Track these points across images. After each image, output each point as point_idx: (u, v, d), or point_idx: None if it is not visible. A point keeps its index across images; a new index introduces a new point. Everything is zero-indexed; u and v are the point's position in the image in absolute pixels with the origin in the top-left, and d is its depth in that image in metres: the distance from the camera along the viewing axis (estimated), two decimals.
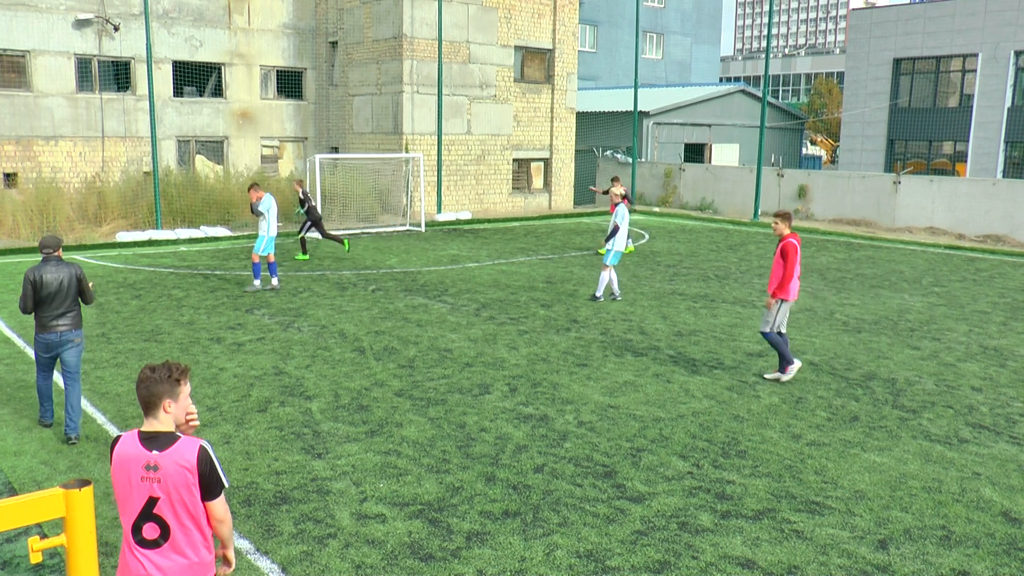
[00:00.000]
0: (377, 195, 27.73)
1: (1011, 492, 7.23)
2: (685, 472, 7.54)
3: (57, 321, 8.10)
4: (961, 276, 18.72)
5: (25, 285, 8.04)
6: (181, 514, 3.80)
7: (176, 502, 3.77)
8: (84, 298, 8.34)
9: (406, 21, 27.26)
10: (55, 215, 22.10)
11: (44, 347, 8.17)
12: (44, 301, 8.03)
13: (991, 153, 35.50)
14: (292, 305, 14.42)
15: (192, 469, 3.76)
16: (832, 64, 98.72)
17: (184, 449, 3.79)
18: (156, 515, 3.77)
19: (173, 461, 3.76)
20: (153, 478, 3.75)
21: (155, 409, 3.83)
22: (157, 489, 3.76)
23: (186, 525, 3.81)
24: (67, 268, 8.15)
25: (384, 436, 8.33)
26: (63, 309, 8.10)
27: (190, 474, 3.76)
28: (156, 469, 3.75)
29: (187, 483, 3.77)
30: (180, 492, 3.77)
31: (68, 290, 8.11)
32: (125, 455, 3.79)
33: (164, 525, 3.78)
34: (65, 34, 25.97)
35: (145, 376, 3.84)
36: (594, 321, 13.47)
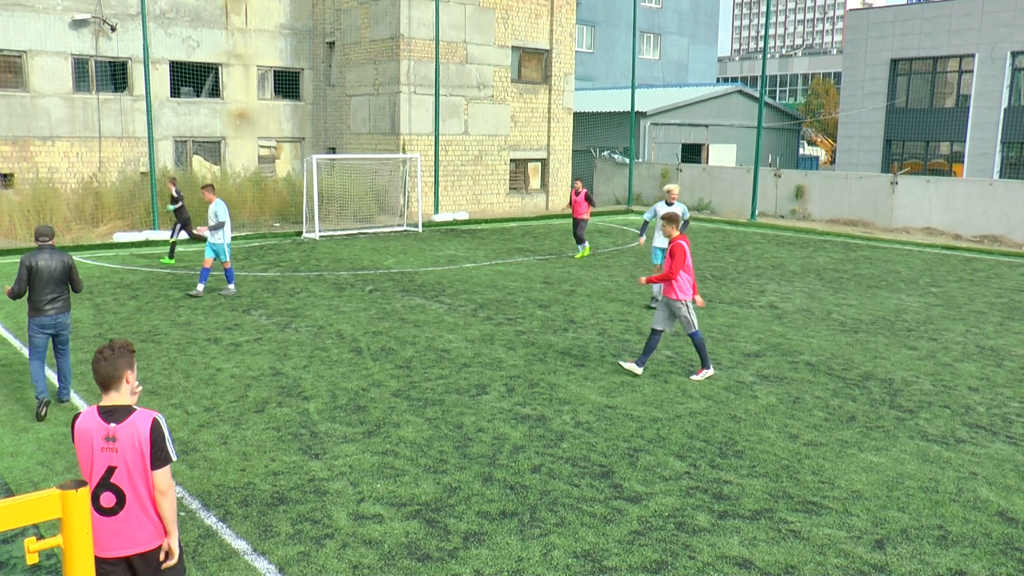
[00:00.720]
0: (374, 195, 27.72)
1: (1008, 492, 7.24)
2: (682, 472, 7.55)
3: (50, 305, 8.80)
4: (958, 276, 18.75)
5: (21, 270, 8.72)
6: (137, 482, 4.12)
7: (132, 470, 4.10)
8: (74, 286, 9.03)
9: (403, 21, 27.26)
10: (52, 216, 22.07)
11: (39, 329, 8.83)
12: (38, 286, 8.73)
13: (988, 154, 35.55)
14: (289, 306, 14.41)
15: (145, 439, 4.10)
16: (829, 64, 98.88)
17: (139, 421, 4.13)
18: (114, 484, 4.10)
19: (129, 432, 4.10)
20: (111, 448, 4.09)
21: (117, 383, 4.18)
22: (115, 459, 4.09)
23: (140, 493, 4.13)
24: (60, 256, 8.85)
25: (381, 436, 8.33)
26: (55, 294, 8.81)
27: (143, 444, 4.10)
28: (114, 440, 4.09)
29: (141, 452, 4.10)
30: (135, 460, 4.10)
31: (60, 277, 8.82)
32: (86, 429, 4.11)
33: (120, 494, 4.11)
34: (62, 34, 25.95)
35: (106, 355, 4.15)
36: (591, 321, 13.47)
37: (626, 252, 21.59)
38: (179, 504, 6.81)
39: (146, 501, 4.17)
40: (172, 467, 7.49)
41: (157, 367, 10.66)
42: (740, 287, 16.76)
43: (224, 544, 6.18)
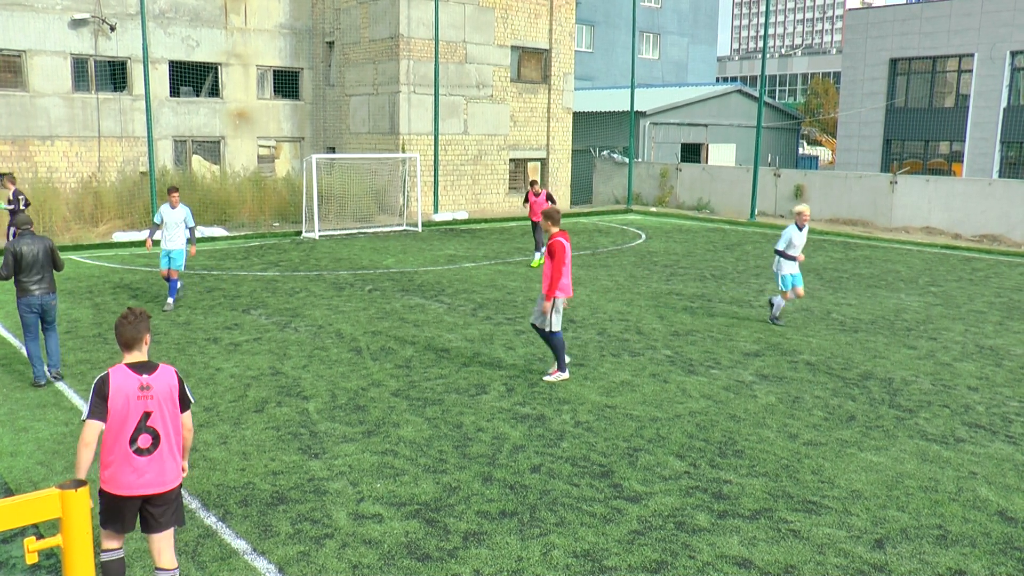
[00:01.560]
0: (374, 195, 27.72)
1: (1007, 491, 7.25)
2: (682, 472, 7.55)
3: (36, 286, 9.66)
4: (957, 276, 18.75)
5: (7, 256, 9.56)
6: (168, 424, 4.90)
7: (166, 413, 4.89)
8: (56, 266, 9.91)
9: (403, 21, 27.25)
10: (51, 215, 22.07)
11: (29, 307, 9.70)
12: (24, 269, 9.58)
13: (987, 153, 35.56)
14: (289, 305, 14.41)
15: (175, 386, 4.98)
16: (828, 64, 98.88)
17: (167, 372, 4.98)
18: (150, 427, 4.84)
19: (162, 381, 4.92)
20: (147, 395, 4.84)
21: (139, 343, 4.96)
22: (151, 404, 4.85)
23: (170, 434, 4.91)
24: (41, 241, 9.71)
25: (381, 436, 8.33)
26: (40, 275, 9.69)
27: (174, 390, 4.96)
28: (149, 388, 4.86)
29: (172, 397, 4.95)
30: (167, 405, 4.91)
31: (44, 259, 9.70)
32: (122, 382, 4.82)
33: (156, 435, 4.85)
34: (61, 34, 25.94)
35: (130, 320, 4.96)
36: (591, 321, 13.47)
37: (626, 252, 21.59)
38: None
39: (174, 442, 4.95)
40: None
41: None
42: (740, 287, 16.76)
43: (224, 544, 6.18)
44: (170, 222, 13.89)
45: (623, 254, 21.20)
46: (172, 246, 13.90)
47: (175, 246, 13.92)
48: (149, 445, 4.82)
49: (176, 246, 13.92)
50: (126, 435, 4.77)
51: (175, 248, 13.92)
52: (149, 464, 4.83)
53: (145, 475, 4.82)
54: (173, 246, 13.90)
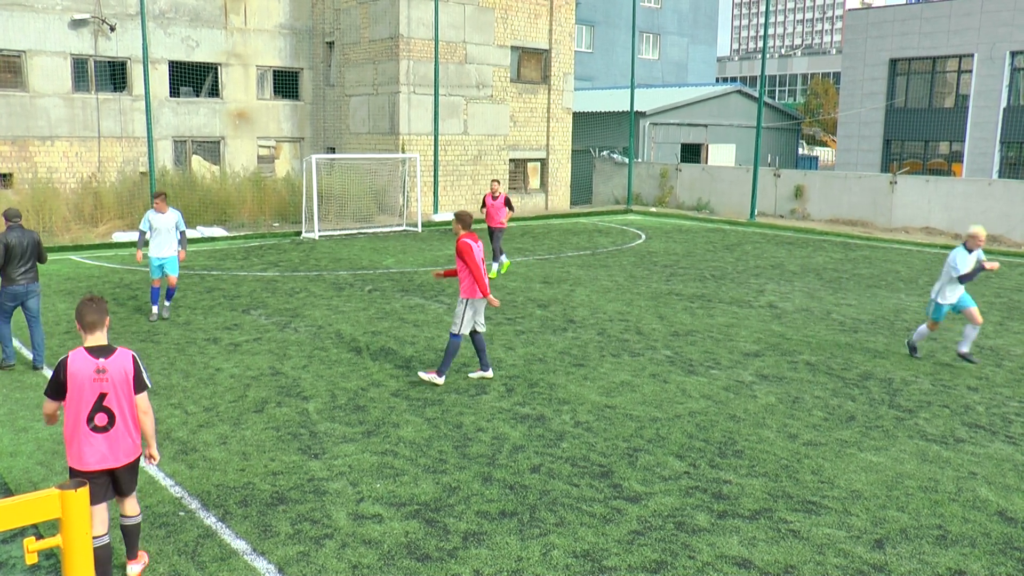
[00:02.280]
0: (374, 195, 27.72)
1: (1007, 492, 7.25)
2: (682, 472, 7.55)
3: (22, 276, 10.34)
4: None
5: None
6: (123, 404, 5.31)
7: (120, 395, 5.29)
8: (40, 259, 10.54)
9: (402, 21, 27.25)
10: (51, 215, 22.07)
11: (12, 297, 10.34)
12: (12, 260, 10.22)
13: (987, 153, 35.56)
14: (289, 305, 14.41)
15: (130, 370, 5.33)
16: (828, 64, 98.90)
17: (123, 356, 5.35)
18: (106, 407, 5.25)
19: (117, 364, 5.29)
20: (102, 378, 5.22)
21: (99, 327, 5.31)
22: (106, 386, 5.23)
23: (125, 414, 5.32)
24: (29, 234, 10.36)
25: (381, 436, 8.33)
26: (26, 267, 10.35)
27: (129, 373, 5.32)
28: (104, 371, 5.23)
29: (127, 380, 5.32)
30: (123, 386, 5.30)
31: (30, 251, 10.35)
32: (79, 365, 5.21)
33: (111, 414, 5.27)
34: (61, 34, 25.93)
35: (91, 306, 5.29)
36: (591, 321, 13.47)
37: (625, 252, 21.59)
38: (179, 504, 6.82)
39: (129, 421, 5.37)
40: (171, 466, 7.52)
41: (156, 367, 10.66)
42: (739, 287, 16.76)
43: (223, 544, 6.18)
44: (161, 228, 12.94)
45: (623, 254, 21.20)
46: (164, 254, 13.03)
47: (168, 253, 13.05)
48: (105, 424, 5.27)
49: (169, 253, 13.07)
50: (83, 414, 5.22)
51: (168, 256, 13.06)
52: (106, 441, 5.28)
53: (103, 451, 5.28)
54: (166, 254, 13.04)
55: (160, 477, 7.32)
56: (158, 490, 7.06)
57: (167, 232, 13.04)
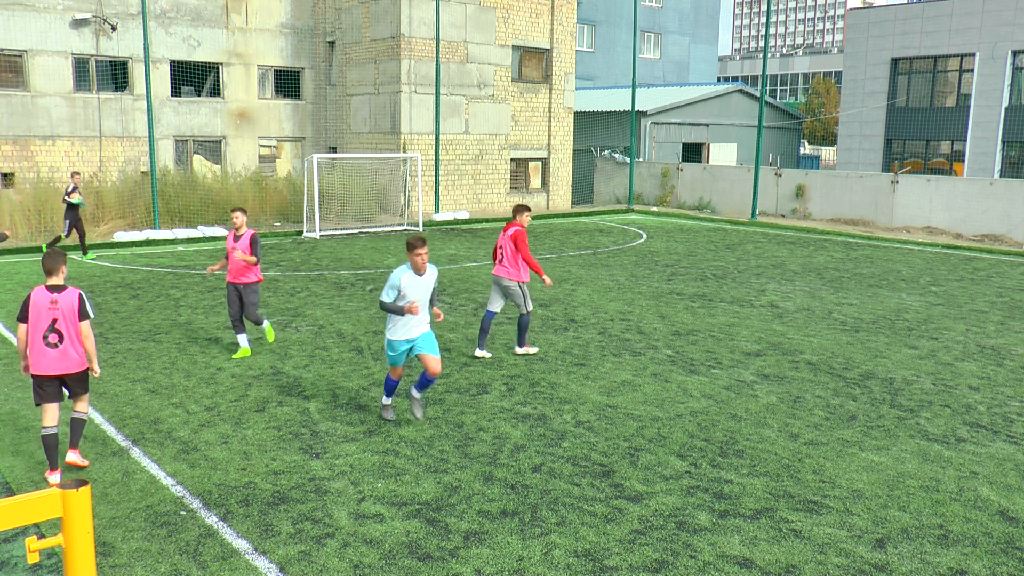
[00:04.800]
0: (375, 195, 27.72)
1: (1008, 491, 7.24)
2: (683, 471, 7.55)
3: None
4: (959, 275, 18.74)
5: None
6: (70, 329, 7.15)
7: (68, 321, 7.13)
8: None
9: (404, 21, 27.25)
10: (52, 215, 22.07)
11: None
12: None
13: (988, 153, 35.53)
14: (290, 305, 14.41)
15: (75, 301, 7.16)
16: (830, 64, 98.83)
17: (71, 293, 7.19)
18: (57, 329, 7.12)
19: (66, 298, 7.15)
20: (55, 308, 7.11)
21: (56, 272, 7.20)
22: (57, 314, 7.11)
23: (72, 336, 7.17)
24: None
25: (382, 436, 8.33)
26: None
27: (75, 305, 7.16)
28: (56, 303, 7.12)
29: (73, 310, 7.15)
30: (71, 315, 7.14)
31: None
32: (39, 297, 7.13)
33: (61, 335, 7.14)
34: (63, 34, 25.95)
35: (50, 256, 7.16)
36: (592, 321, 13.47)
37: (627, 251, 21.59)
38: (180, 503, 6.82)
39: (75, 341, 7.20)
40: (172, 465, 7.52)
41: (158, 366, 10.67)
42: (741, 286, 16.75)
43: (225, 543, 6.19)
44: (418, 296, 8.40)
45: (624, 254, 21.19)
46: (415, 333, 8.43)
47: (420, 332, 8.46)
48: (56, 341, 7.13)
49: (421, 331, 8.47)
50: (40, 333, 7.10)
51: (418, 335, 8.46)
52: (57, 354, 7.14)
53: (53, 361, 7.13)
54: (416, 333, 8.43)
55: (161, 476, 7.33)
56: (159, 489, 7.07)
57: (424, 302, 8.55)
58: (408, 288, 8.25)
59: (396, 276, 8.22)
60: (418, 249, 8.19)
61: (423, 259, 8.27)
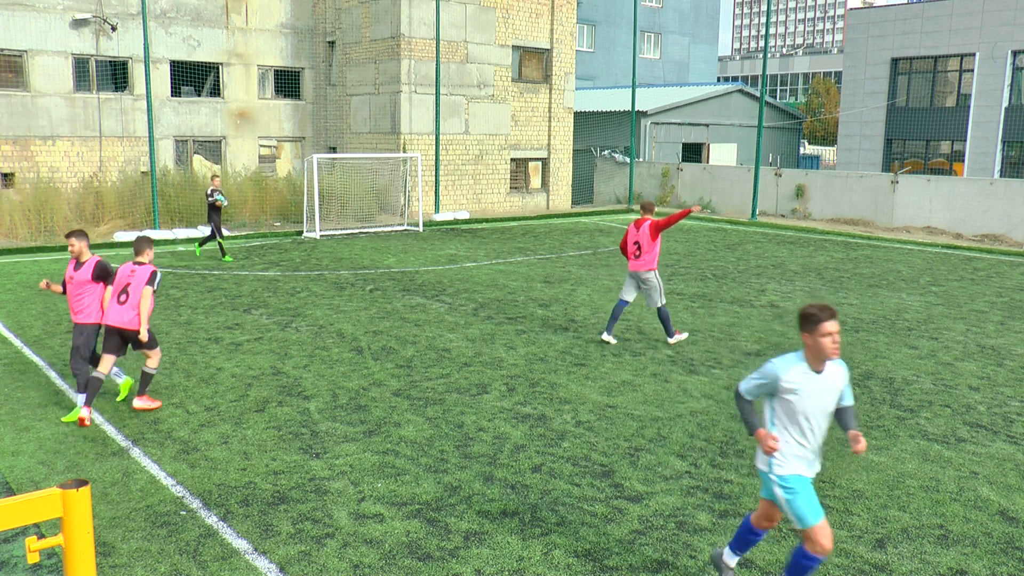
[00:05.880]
0: (375, 195, 27.72)
1: (1008, 491, 7.24)
2: (683, 472, 7.55)
3: None
4: (959, 275, 18.74)
5: None
6: (136, 293, 8.75)
7: (136, 286, 8.76)
8: None
9: (404, 21, 27.25)
10: (52, 215, 22.08)
11: None
12: None
13: (988, 153, 35.54)
14: (290, 305, 14.41)
15: (146, 275, 8.86)
16: (830, 64, 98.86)
17: (147, 268, 8.94)
18: (127, 291, 8.75)
19: (142, 271, 8.88)
20: (132, 276, 8.84)
21: (142, 253, 8.99)
22: (132, 280, 8.81)
23: (136, 298, 8.75)
24: None
25: (382, 436, 8.33)
26: None
27: (144, 276, 8.85)
28: (134, 273, 8.87)
29: (141, 280, 8.81)
30: (140, 282, 8.78)
31: None
32: (124, 268, 8.96)
33: (128, 296, 8.77)
34: (63, 34, 25.95)
35: (140, 240, 9.04)
36: (592, 321, 13.47)
37: None
38: (180, 503, 6.82)
39: (136, 303, 8.75)
40: (172, 465, 7.52)
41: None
42: (741, 286, 16.75)
43: (225, 543, 6.19)
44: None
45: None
46: None
47: None
48: (125, 300, 8.75)
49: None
50: (116, 293, 8.79)
51: None
52: (121, 310, 8.74)
53: (116, 314, 8.75)
54: None
55: (161, 476, 7.33)
56: (159, 489, 7.07)
57: None
58: (797, 391, 5.22)
59: (777, 367, 5.25)
60: (826, 325, 5.00)
61: (834, 344, 5.05)
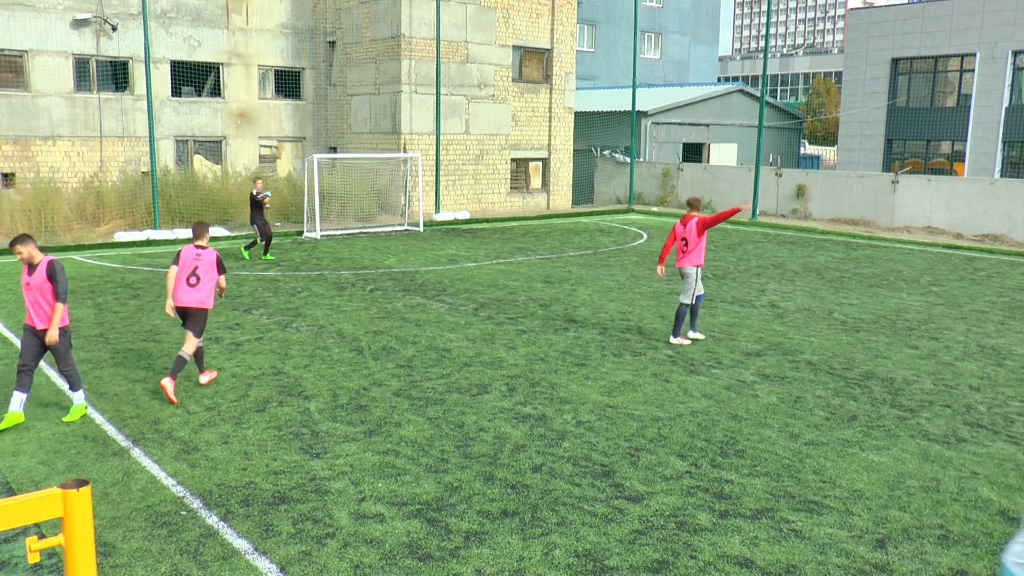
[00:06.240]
0: (375, 195, 27.72)
1: (1009, 491, 7.24)
2: (683, 472, 7.54)
3: None
4: (959, 275, 18.74)
5: None
6: (206, 276, 9.48)
7: (206, 270, 9.47)
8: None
9: (404, 21, 27.25)
10: (53, 215, 22.08)
11: None
12: None
13: (989, 153, 35.53)
14: (290, 305, 14.41)
15: (214, 258, 9.60)
16: (830, 64, 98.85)
17: (211, 252, 9.62)
18: (197, 274, 9.39)
19: (207, 255, 9.54)
20: (198, 259, 9.45)
21: (202, 238, 9.64)
22: (199, 264, 9.43)
23: (208, 281, 9.50)
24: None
25: (382, 436, 8.33)
26: None
27: (212, 260, 9.56)
28: (200, 256, 9.47)
29: (211, 263, 9.54)
30: (209, 265, 9.51)
31: None
32: (187, 251, 9.50)
33: (198, 278, 9.42)
34: (63, 34, 25.95)
35: (199, 225, 9.68)
36: (592, 321, 13.47)
37: (627, 251, 21.58)
38: (180, 503, 6.82)
39: (210, 285, 9.54)
40: (172, 465, 7.53)
41: (158, 366, 10.67)
42: (741, 286, 16.75)
43: (225, 543, 6.19)
44: None
45: (624, 254, 21.19)
46: None
47: None
48: (196, 283, 9.44)
49: None
50: (184, 276, 9.45)
51: None
52: (193, 291, 9.43)
53: (188, 295, 9.42)
54: None
55: (162, 476, 7.33)
56: (160, 489, 7.07)
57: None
58: None
59: None
60: None
61: None
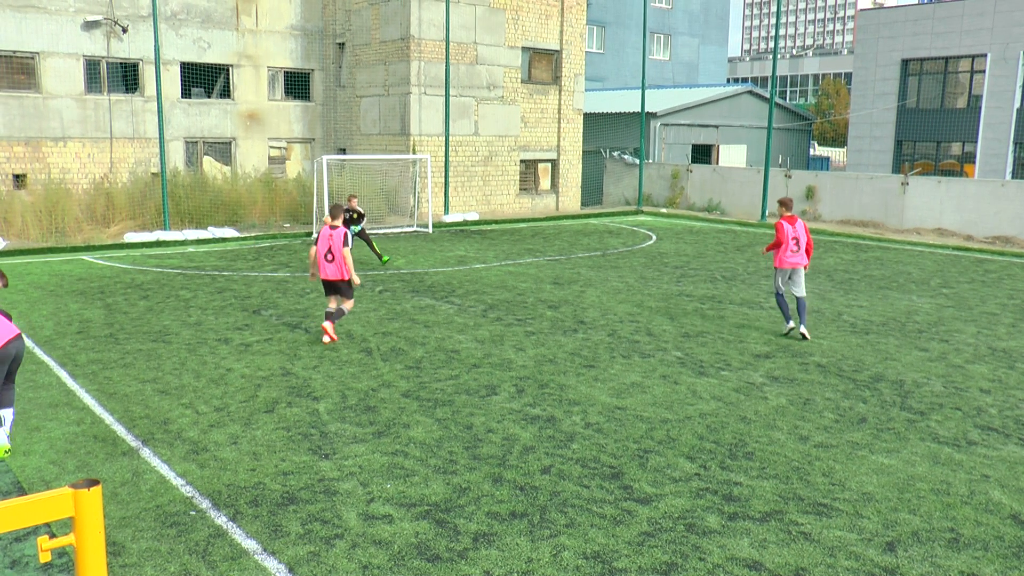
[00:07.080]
0: (384, 196, 27.76)
1: (1020, 495, 7.20)
2: (692, 473, 7.53)
3: None
4: (970, 277, 18.65)
5: None
6: (338, 252, 11.61)
7: (337, 247, 11.62)
8: None
9: (413, 22, 27.29)
10: (64, 216, 22.18)
11: None
12: None
13: (1000, 154, 35.36)
14: (299, 306, 14.44)
15: (342, 236, 11.64)
16: (840, 65, 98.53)
17: (341, 231, 11.64)
18: (332, 251, 11.64)
19: (338, 234, 11.63)
20: (331, 239, 11.65)
21: (336, 219, 11.75)
22: (332, 243, 11.63)
23: (339, 257, 11.65)
24: None
25: (391, 437, 8.34)
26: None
27: (341, 237, 11.63)
28: (332, 236, 11.64)
29: (340, 241, 11.62)
30: (339, 243, 11.64)
31: None
32: (324, 231, 11.80)
33: (334, 255, 11.64)
34: (74, 36, 26.07)
35: (335, 208, 11.90)
36: (601, 322, 13.46)
37: (636, 253, 21.56)
38: (190, 503, 6.84)
39: (341, 261, 11.61)
40: (182, 466, 7.55)
41: (168, 367, 10.70)
42: (750, 288, 16.71)
43: (234, 544, 6.20)
44: None
45: (633, 255, 21.17)
46: None
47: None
48: (332, 260, 11.59)
49: None
50: (323, 253, 11.67)
51: None
52: (331, 266, 11.64)
53: (328, 269, 11.70)
54: None
55: (171, 477, 7.35)
56: (169, 489, 7.09)
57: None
58: None
59: None
60: None
61: None
